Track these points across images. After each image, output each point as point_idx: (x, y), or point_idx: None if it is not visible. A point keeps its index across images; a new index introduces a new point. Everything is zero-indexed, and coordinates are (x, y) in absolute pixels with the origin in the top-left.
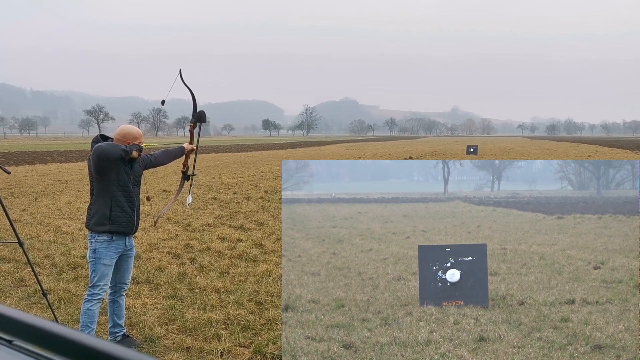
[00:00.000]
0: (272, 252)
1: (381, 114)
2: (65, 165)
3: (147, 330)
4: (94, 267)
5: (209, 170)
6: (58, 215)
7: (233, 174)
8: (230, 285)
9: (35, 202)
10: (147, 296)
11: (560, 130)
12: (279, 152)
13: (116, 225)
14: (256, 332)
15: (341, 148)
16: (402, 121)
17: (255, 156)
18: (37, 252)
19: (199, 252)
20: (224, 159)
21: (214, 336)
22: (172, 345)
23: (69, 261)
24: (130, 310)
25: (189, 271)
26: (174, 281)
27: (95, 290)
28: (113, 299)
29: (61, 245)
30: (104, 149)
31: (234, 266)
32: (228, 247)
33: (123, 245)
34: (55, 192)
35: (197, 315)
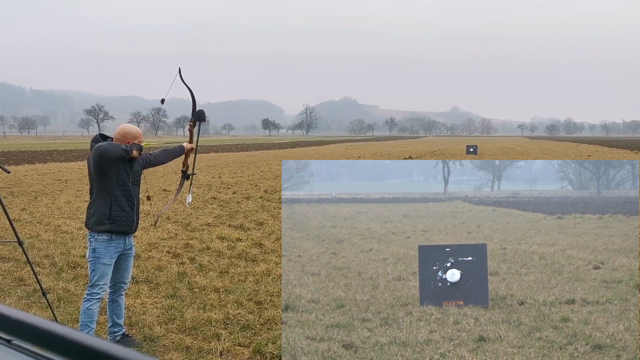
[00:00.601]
0: (271, 252)
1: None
2: (65, 164)
3: (147, 330)
4: (94, 266)
5: (209, 169)
6: (58, 214)
7: (233, 173)
8: (230, 284)
9: (34, 202)
10: (146, 295)
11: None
12: (279, 151)
13: (116, 225)
14: (255, 332)
15: (341, 148)
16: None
17: (255, 156)
18: (37, 252)
19: (198, 252)
20: (224, 158)
21: (213, 336)
22: (171, 344)
23: (68, 260)
24: (130, 310)
25: (188, 271)
26: (174, 281)
27: (94, 289)
28: (112, 298)
29: (61, 244)
30: (105, 148)
31: (233, 266)
32: (228, 246)
33: (122, 245)
34: (54, 192)
35: (197, 315)
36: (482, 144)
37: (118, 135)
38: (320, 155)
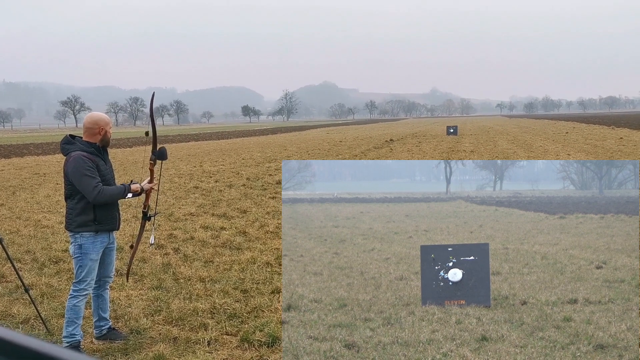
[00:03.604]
0: (256, 240)
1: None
2: (42, 158)
3: (133, 322)
4: (81, 262)
5: (190, 158)
6: (37, 209)
7: (214, 162)
8: (215, 274)
9: (13, 196)
10: (131, 288)
11: (538, 108)
12: (260, 138)
13: (101, 225)
14: (243, 320)
15: (322, 132)
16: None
17: (236, 143)
18: (17, 247)
19: (182, 242)
20: (204, 146)
21: (200, 326)
22: (158, 336)
23: (50, 255)
24: (115, 303)
25: (173, 261)
26: (158, 272)
27: (81, 285)
28: (97, 293)
29: (42, 239)
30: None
31: (218, 255)
32: (212, 235)
33: (107, 239)
34: (33, 186)
35: (183, 306)
36: (462, 124)
37: (90, 124)
38: (301, 141)
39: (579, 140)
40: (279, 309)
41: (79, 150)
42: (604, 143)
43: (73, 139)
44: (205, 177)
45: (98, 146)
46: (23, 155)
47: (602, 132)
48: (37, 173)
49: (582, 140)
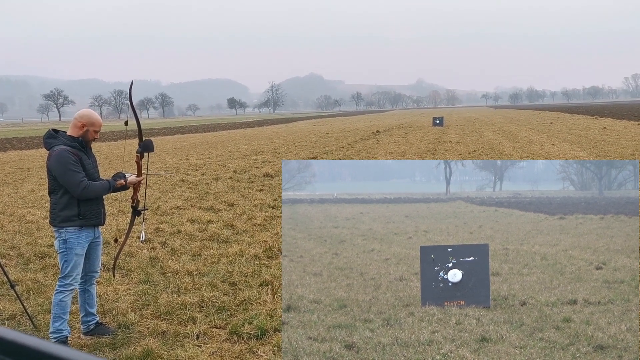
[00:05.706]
0: (243, 232)
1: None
2: (25, 152)
3: (121, 317)
4: (66, 257)
5: (176, 152)
6: (21, 204)
7: (200, 154)
8: (203, 267)
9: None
10: (118, 282)
11: (522, 99)
12: (246, 130)
13: (86, 220)
14: (231, 313)
15: (309, 124)
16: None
17: (222, 136)
18: (2, 243)
19: (169, 236)
20: (191, 139)
21: (189, 319)
22: (146, 330)
23: (35, 251)
24: (102, 298)
25: (160, 255)
26: (146, 266)
27: (67, 280)
28: (84, 288)
29: (26, 234)
30: (97, 193)
31: (205, 248)
32: (199, 229)
33: (92, 234)
34: (17, 180)
35: (171, 299)
36: (448, 115)
37: (83, 120)
38: (288, 133)
39: (563, 130)
40: (267, 301)
41: (62, 144)
42: (588, 132)
43: (56, 133)
44: (192, 170)
45: (81, 140)
46: (6, 149)
47: (586, 122)
48: (21, 168)
49: (566, 130)
